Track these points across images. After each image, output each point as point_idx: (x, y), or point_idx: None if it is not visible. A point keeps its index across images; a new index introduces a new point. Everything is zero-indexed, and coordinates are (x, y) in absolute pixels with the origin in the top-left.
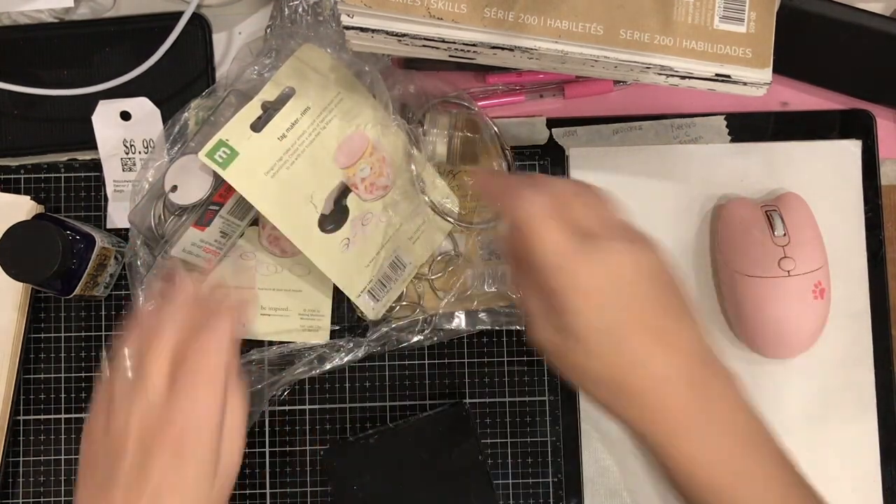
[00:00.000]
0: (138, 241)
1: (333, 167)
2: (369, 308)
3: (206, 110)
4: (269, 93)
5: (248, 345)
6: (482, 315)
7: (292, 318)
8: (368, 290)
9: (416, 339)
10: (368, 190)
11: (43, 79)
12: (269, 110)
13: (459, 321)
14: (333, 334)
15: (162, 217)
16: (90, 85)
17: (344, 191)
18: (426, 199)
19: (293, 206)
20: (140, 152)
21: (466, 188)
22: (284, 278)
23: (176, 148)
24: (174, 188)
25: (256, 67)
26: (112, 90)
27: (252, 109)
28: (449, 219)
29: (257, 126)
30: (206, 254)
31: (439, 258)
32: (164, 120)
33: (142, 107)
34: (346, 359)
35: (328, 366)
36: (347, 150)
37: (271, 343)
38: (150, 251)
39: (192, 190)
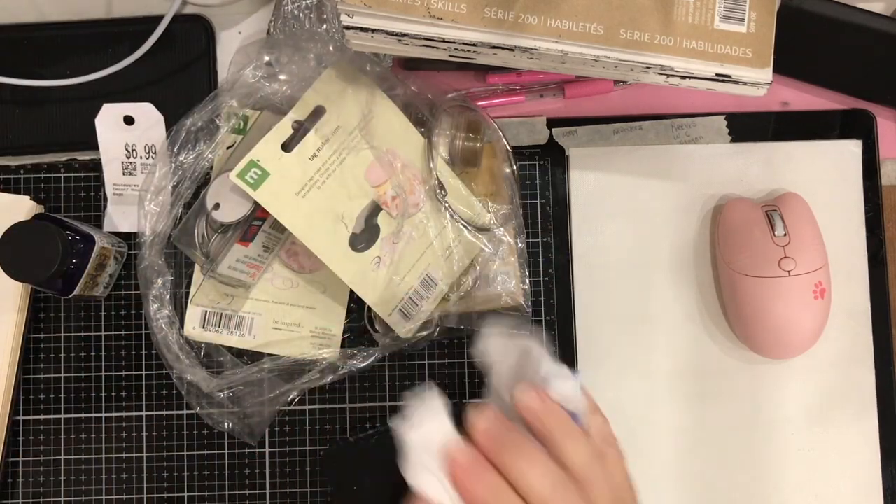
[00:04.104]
0: (148, 248)
1: (364, 185)
2: (401, 326)
3: (238, 119)
4: (299, 111)
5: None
6: (489, 317)
7: (303, 334)
8: (399, 309)
9: (422, 341)
10: (399, 208)
11: (44, 78)
12: (300, 129)
13: (466, 323)
14: (343, 341)
15: (206, 235)
16: (88, 83)
17: (375, 209)
18: (446, 204)
19: (324, 225)
20: (141, 157)
21: (475, 189)
22: (300, 294)
23: (182, 156)
24: (217, 206)
25: (255, 72)
26: (116, 93)
27: (283, 129)
28: (467, 225)
29: (288, 146)
30: (250, 269)
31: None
32: (168, 124)
33: (145, 112)
34: (358, 367)
35: (341, 373)
36: (378, 169)
37: None
38: (165, 260)
39: (234, 207)
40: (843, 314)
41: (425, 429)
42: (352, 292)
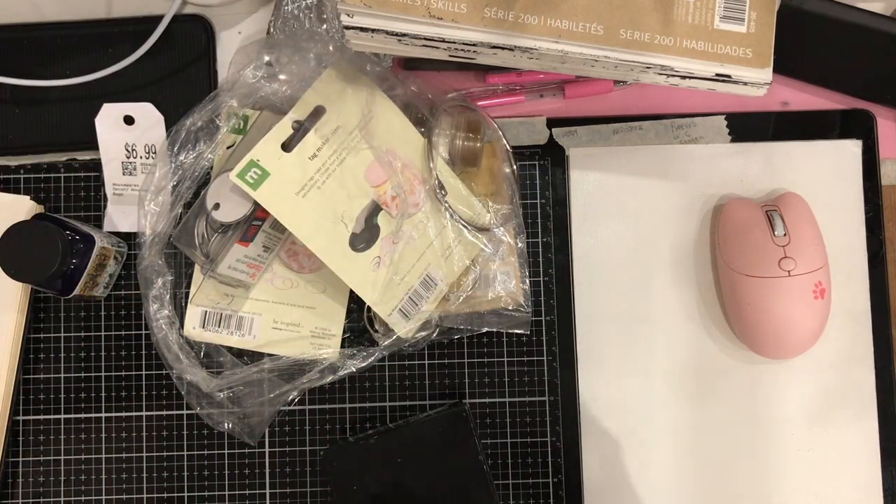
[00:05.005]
0: (148, 248)
1: (364, 185)
2: (401, 326)
3: (238, 119)
4: (299, 111)
5: (260, 355)
6: (489, 317)
7: (303, 334)
8: (399, 309)
9: (422, 341)
10: (399, 208)
11: (44, 78)
12: (300, 129)
13: (466, 323)
14: (343, 341)
15: (206, 235)
16: (88, 83)
17: (375, 209)
18: (446, 204)
19: (324, 225)
20: (141, 157)
21: (475, 189)
22: (300, 294)
23: (182, 156)
24: (216, 206)
25: (255, 72)
26: (116, 93)
27: (283, 129)
28: (467, 225)
29: (288, 146)
30: (250, 269)
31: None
32: (168, 124)
33: (145, 112)
34: (358, 367)
35: (341, 373)
36: (378, 169)
37: None
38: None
39: (234, 207)
40: (843, 314)
41: None
42: (352, 292)
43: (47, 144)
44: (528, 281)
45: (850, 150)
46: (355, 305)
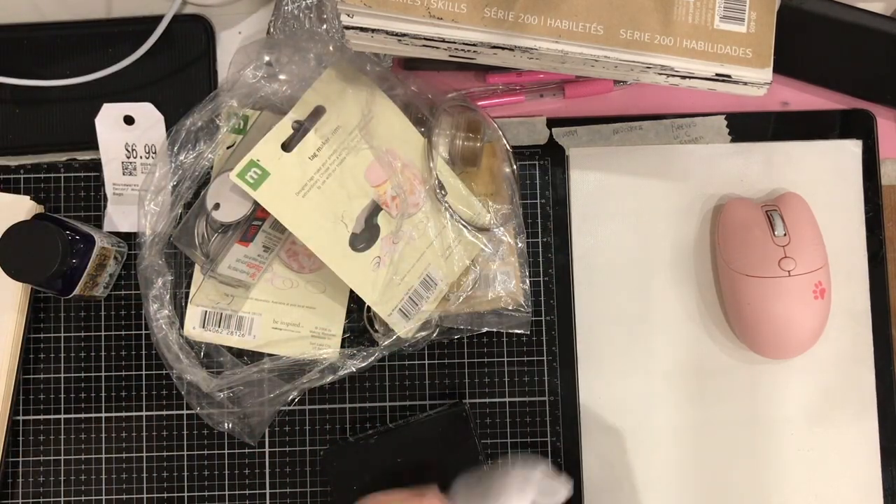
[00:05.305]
0: (148, 248)
1: (364, 185)
2: (401, 326)
3: (238, 119)
4: (299, 111)
5: (260, 355)
6: (489, 317)
7: (303, 334)
8: (399, 309)
9: (422, 341)
10: (399, 208)
11: (44, 78)
12: (300, 129)
13: (466, 323)
14: (343, 341)
15: (206, 235)
16: (88, 83)
17: (375, 209)
18: (446, 204)
19: (324, 225)
20: (141, 157)
21: (475, 189)
22: (300, 293)
23: (182, 156)
24: (217, 206)
25: (255, 72)
26: (116, 93)
27: (283, 129)
28: (467, 225)
29: (288, 146)
30: (250, 269)
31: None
32: (168, 124)
33: (145, 112)
34: (358, 367)
35: (341, 373)
36: (378, 169)
37: None
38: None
39: (234, 207)
40: (843, 314)
41: None
42: (352, 292)
43: (47, 144)
44: (528, 281)
45: (850, 150)
46: (355, 305)
